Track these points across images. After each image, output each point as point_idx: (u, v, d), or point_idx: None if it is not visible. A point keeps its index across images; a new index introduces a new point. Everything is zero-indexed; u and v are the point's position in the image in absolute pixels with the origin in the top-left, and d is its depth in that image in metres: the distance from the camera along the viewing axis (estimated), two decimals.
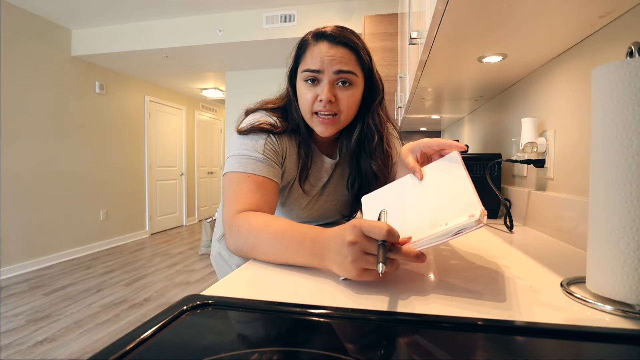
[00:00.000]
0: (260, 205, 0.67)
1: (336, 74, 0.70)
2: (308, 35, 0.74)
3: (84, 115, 4.00)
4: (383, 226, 0.41)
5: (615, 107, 0.36)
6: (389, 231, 0.41)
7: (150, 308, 2.54)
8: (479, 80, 1.09)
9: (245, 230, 0.60)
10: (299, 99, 0.74)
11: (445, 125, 2.50)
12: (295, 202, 0.84)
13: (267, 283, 0.48)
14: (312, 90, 0.71)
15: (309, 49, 0.72)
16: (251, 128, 0.73)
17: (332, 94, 0.70)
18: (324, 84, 0.70)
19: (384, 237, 0.41)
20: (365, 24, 2.69)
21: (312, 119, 0.73)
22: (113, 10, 3.38)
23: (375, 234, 0.41)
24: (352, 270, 0.43)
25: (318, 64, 0.70)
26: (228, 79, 4.55)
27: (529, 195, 0.92)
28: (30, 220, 3.41)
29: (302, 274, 0.51)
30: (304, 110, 0.74)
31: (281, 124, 0.75)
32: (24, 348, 1.98)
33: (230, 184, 0.69)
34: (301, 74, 0.72)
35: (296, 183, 0.81)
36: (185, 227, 5.77)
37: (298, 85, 0.74)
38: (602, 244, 0.38)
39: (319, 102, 0.71)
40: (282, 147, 0.75)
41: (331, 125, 0.73)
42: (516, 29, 0.66)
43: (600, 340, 0.32)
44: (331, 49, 0.70)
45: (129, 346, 0.29)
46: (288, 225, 0.57)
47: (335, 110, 0.72)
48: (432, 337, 0.32)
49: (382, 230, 0.41)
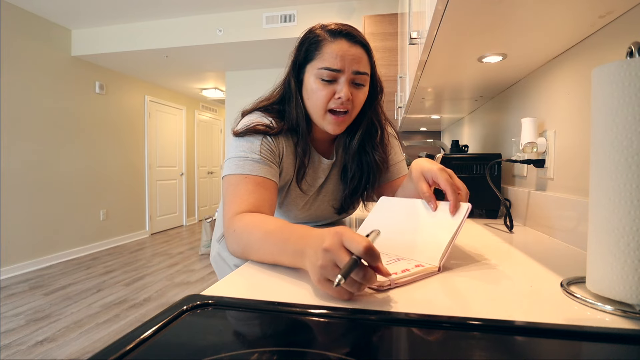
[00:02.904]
0: (259, 205, 0.67)
1: (354, 74, 0.71)
2: (319, 31, 0.73)
3: (84, 115, 4.00)
4: (363, 242, 0.39)
5: (615, 107, 0.36)
6: (367, 248, 0.38)
7: (150, 308, 2.54)
8: (478, 80, 1.09)
9: (239, 231, 0.61)
10: (310, 95, 0.73)
11: (445, 125, 2.50)
12: (293, 203, 0.84)
13: (267, 283, 0.48)
14: (327, 88, 0.71)
15: (326, 46, 0.70)
16: (246, 130, 0.73)
17: (350, 93, 0.71)
18: (342, 82, 0.70)
19: (361, 253, 0.38)
20: (365, 24, 2.69)
21: (325, 116, 0.73)
22: (113, 10, 3.38)
23: (353, 247, 0.39)
24: (316, 274, 0.41)
25: (339, 64, 0.69)
26: (228, 79, 4.55)
27: (529, 195, 0.92)
28: (30, 220, 3.41)
29: (302, 274, 0.51)
30: (315, 106, 0.73)
31: (277, 124, 0.75)
32: (24, 348, 1.98)
33: (229, 186, 0.70)
34: (317, 70, 0.71)
35: (294, 183, 0.81)
36: (185, 227, 5.77)
37: (308, 82, 0.73)
38: (602, 244, 0.38)
39: (336, 100, 0.71)
40: (278, 147, 0.75)
41: (343, 124, 0.74)
42: (516, 28, 0.66)
43: (600, 340, 0.32)
44: (351, 48, 0.70)
45: (129, 346, 0.29)
46: (279, 225, 0.57)
47: (349, 108, 0.73)
48: (432, 337, 0.32)
49: (360, 245, 0.38)
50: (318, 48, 0.72)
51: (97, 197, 4.21)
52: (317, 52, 0.72)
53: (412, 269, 0.49)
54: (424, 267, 0.50)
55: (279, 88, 0.80)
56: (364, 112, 0.80)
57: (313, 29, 0.74)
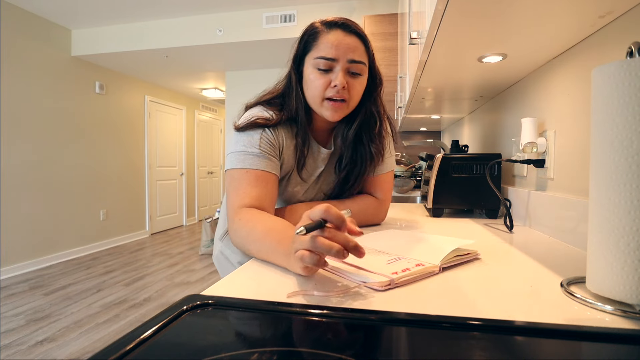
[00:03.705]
0: (260, 198, 0.71)
1: (349, 62, 0.72)
2: (317, 24, 0.75)
3: (84, 115, 4.00)
4: (322, 206, 0.43)
5: (615, 107, 0.36)
6: (326, 208, 0.42)
7: (150, 308, 2.54)
8: (478, 80, 1.09)
9: (244, 222, 0.65)
10: (308, 85, 0.75)
11: (445, 125, 2.50)
12: (294, 191, 0.86)
13: (267, 283, 0.48)
14: (324, 77, 0.73)
15: (322, 37, 0.73)
16: (247, 124, 0.75)
17: (345, 81, 0.72)
18: (338, 70, 0.72)
19: (322, 213, 0.42)
20: (365, 24, 2.69)
21: (322, 104, 0.75)
22: (113, 10, 3.38)
23: (315, 214, 0.43)
24: (298, 265, 0.46)
25: (333, 52, 0.71)
26: (228, 79, 4.55)
27: (529, 195, 0.92)
28: (30, 220, 3.41)
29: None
30: (313, 96, 0.75)
31: (277, 116, 0.77)
32: (24, 348, 1.98)
33: (232, 180, 0.73)
34: (313, 60, 0.73)
35: (294, 172, 0.83)
36: (185, 227, 5.77)
37: (306, 72, 0.75)
38: (602, 244, 0.38)
39: (331, 88, 0.72)
40: (278, 139, 0.78)
41: (341, 110, 0.75)
42: (516, 29, 0.66)
43: (600, 340, 0.32)
44: (346, 38, 0.72)
45: (129, 346, 0.29)
46: (275, 226, 0.60)
47: (346, 97, 0.74)
48: (432, 337, 0.32)
49: (318, 209, 0.43)
50: (315, 39, 0.74)
51: (97, 197, 4.20)
52: (314, 43, 0.74)
53: (413, 268, 0.49)
54: (424, 266, 0.50)
55: (282, 82, 0.83)
56: (363, 102, 0.81)
57: (313, 23, 0.77)
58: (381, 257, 0.55)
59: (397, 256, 0.55)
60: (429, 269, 0.50)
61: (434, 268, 0.51)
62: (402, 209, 1.29)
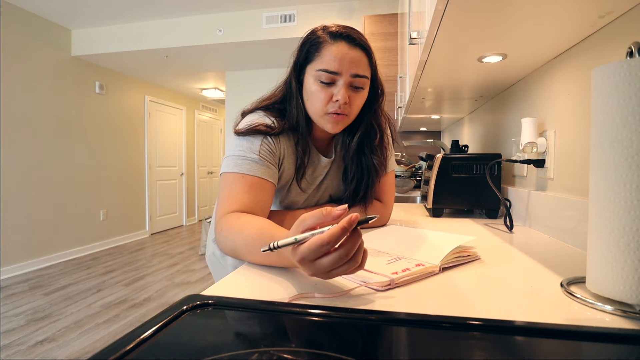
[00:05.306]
0: (251, 206, 0.67)
1: (353, 77, 0.70)
2: (320, 32, 0.72)
3: (84, 115, 4.00)
4: (305, 215, 0.41)
5: (615, 107, 0.36)
6: (304, 218, 0.41)
7: (150, 308, 2.54)
8: (479, 80, 1.09)
9: (225, 232, 0.61)
10: (309, 96, 0.74)
11: (445, 125, 2.50)
12: (294, 200, 0.85)
13: (267, 283, 0.48)
14: (326, 90, 0.71)
15: (326, 48, 0.70)
16: (248, 130, 0.73)
17: (347, 96, 0.70)
18: (340, 85, 0.70)
19: (306, 225, 0.41)
20: (365, 24, 2.69)
21: (323, 117, 0.73)
22: (113, 10, 3.37)
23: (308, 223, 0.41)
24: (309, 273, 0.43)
25: (337, 66, 0.69)
26: (228, 79, 4.55)
27: (529, 195, 0.92)
28: (30, 220, 3.41)
29: (301, 274, 0.51)
30: (315, 108, 0.73)
31: (278, 124, 0.75)
32: (24, 348, 1.98)
33: (225, 184, 0.70)
34: (315, 72, 0.71)
35: (294, 182, 0.81)
36: (185, 227, 5.76)
37: (307, 83, 0.73)
38: (602, 244, 0.38)
39: (333, 103, 0.71)
40: (279, 148, 0.75)
41: (342, 123, 0.74)
42: (516, 28, 0.66)
43: (600, 340, 0.32)
44: (350, 51, 0.69)
45: (129, 346, 0.29)
46: (262, 228, 0.56)
47: (347, 112, 0.72)
48: (432, 337, 0.32)
49: (303, 221, 0.41)
50: (318, 49, 0.71)
51: (97, 197, 4.20)
52: (317, 53, 0.71)
53: (413, 268, 0.49)
54: (424, 266, 0.50)
55: (281, 87, 0.80)
56: (364, 114, 0.79)
57: (315, 30, 0.74)
58: (381, 257, 0.55)
59: (397, 256, 0.55)
60: (429, 269, 0.50)
61: (434, 268, 0.51)
62: (402, 209, 1.29)
